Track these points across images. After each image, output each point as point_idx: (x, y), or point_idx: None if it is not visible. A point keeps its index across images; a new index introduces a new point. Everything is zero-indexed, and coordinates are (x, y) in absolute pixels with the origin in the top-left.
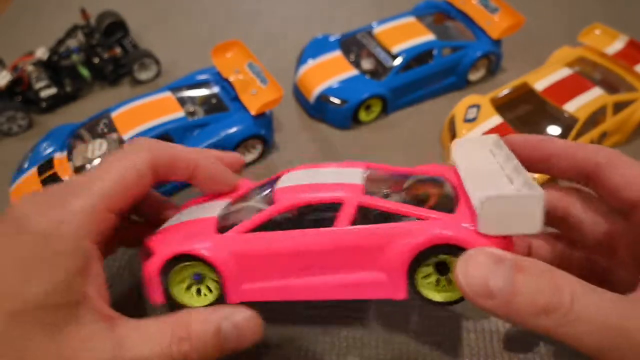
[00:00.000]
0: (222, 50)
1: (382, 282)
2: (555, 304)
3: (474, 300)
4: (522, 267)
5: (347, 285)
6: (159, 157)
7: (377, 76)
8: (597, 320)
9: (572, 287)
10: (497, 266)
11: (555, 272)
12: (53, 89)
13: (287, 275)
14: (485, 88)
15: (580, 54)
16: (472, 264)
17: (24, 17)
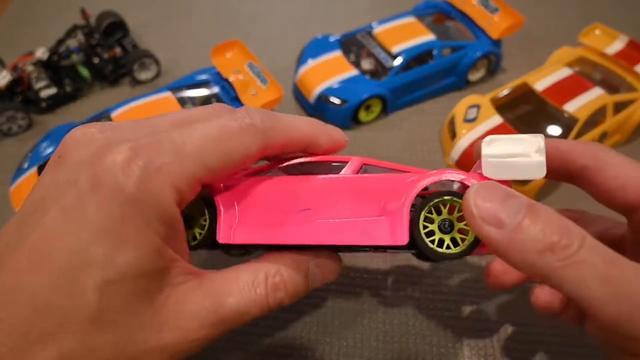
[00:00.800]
0: (222, 51)
1: (383, 226)
2: (564, 243)
3: (480, 228)
4: (535, 206)
5: (345, 229)
6: (272, 142)
7: (377, 76)
8: (604, 268)
9: (584, 234)
10: (510, 199)
11: (567, 219)
12: (53, 89)
13: (282, 216)
14: (485, 88)
15: (580, 54)
16: (485, 192)
17: (24, 17)
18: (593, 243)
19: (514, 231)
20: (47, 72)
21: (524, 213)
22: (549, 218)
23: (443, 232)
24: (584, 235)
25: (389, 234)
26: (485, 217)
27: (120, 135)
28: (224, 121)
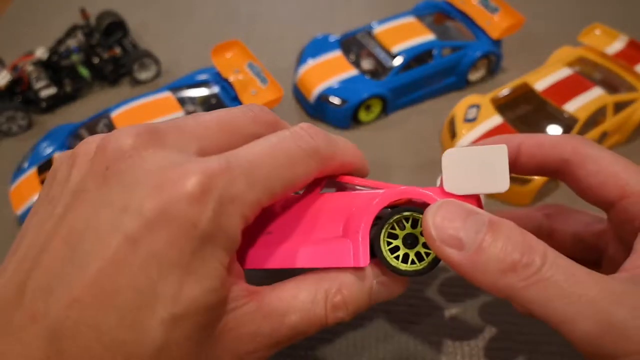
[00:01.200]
0: (222, 50)
1: (347, 248)
2: (525, 262)
3: (441, 250)
4: (495, 223)
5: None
6: (328, 166)
7: (377, 76)
8: (567, 286)
9: (545, 250)
10: (470, 218)
11: (529, 234)
12: (53, 88)
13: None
14: (485, 88)
15: (580, 54)
16: (444, 211)
17: (24, 17)
18: (556, 259)
19: (475, 252)
20: (47, 72)
21: (484, 231)
22: (510, 235)
23: (407, 248)
24: (545, 252)
25: (352, 256)
26: (445, 239)
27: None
28: (288, 144)
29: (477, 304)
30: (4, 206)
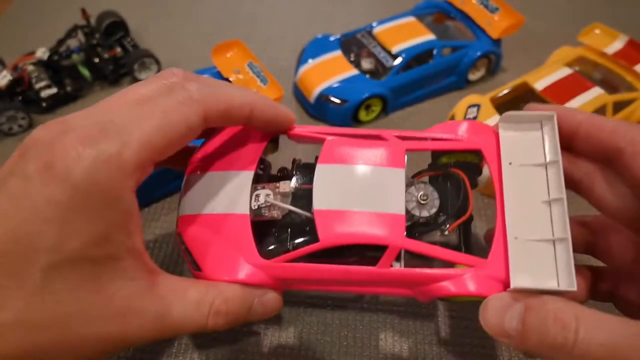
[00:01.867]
0: (222, 50)
1: (411, 294)
2: (561, 342)
3: (499, 340)
4: (531, 308)
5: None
6: (213, 107)
7: (377, 76)
8: (600, 353)
9: (577, 323)
10: (508, 310)
11: (560, 309)
12: (53, 89)
13: (327, 287)
14: (485, 88)
15: (580, 54)
16: (488, 310)
17: (25, 17)
18: (586, 332)
19: (520, 341)
20: (48, 72)
21: (521, 320)
22: (544, 315)
23: None
24: (576, 327)
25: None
26: (495, 333)
27: (72, 124)
28: (163, 99)
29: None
30: None
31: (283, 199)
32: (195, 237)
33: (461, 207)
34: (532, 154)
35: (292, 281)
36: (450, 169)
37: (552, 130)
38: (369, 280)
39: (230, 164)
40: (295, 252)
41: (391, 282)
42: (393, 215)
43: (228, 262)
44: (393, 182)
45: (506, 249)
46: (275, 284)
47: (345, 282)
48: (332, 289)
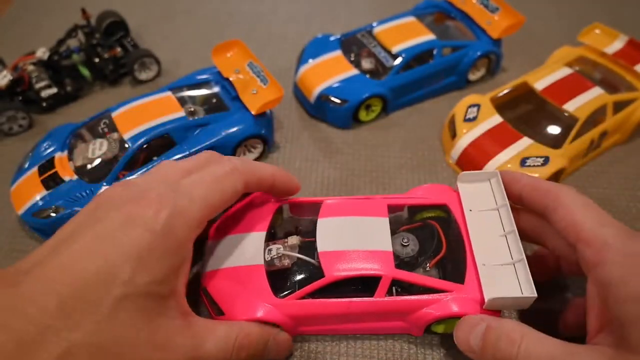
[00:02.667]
0: (223, 50)
1: (406, 328)
2: (507, 355)
3: (466, 354)
4: (491, 327)
5: (380, 328)
6: (250, 178)
7: (377, 76)
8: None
9: (520, 340)
10: (474, 328)
11: (512, 330)
12: (53, 88)
13: (333, 325)
14: (485, 88)
15: (580, 54)
16: (459, 329)
17: (25, 17)
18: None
19: (481, 353)
20: (48, 72)
21: (482, 337)
22: (498, 335)
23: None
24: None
25: (412, 332)
26: (463, 348)
27: (144, 187)
28: (214, 168)
29: None
30: (5, 206)
31: (291, 250)
32: (218, 287)
33: (437, 248)
34: (486, 202)
35: (303, 319)
36: (427, 222)
37: (498, 182)
38: (368, 310)
39: (245, 228)
40: (305, 289)
41: (386, 312)
42: (383, 252)
43: (247, 304)
44: (380, 227)
45: (478, 275)
46: (289, 323)
47: (347, 317)
48: (337, 328)
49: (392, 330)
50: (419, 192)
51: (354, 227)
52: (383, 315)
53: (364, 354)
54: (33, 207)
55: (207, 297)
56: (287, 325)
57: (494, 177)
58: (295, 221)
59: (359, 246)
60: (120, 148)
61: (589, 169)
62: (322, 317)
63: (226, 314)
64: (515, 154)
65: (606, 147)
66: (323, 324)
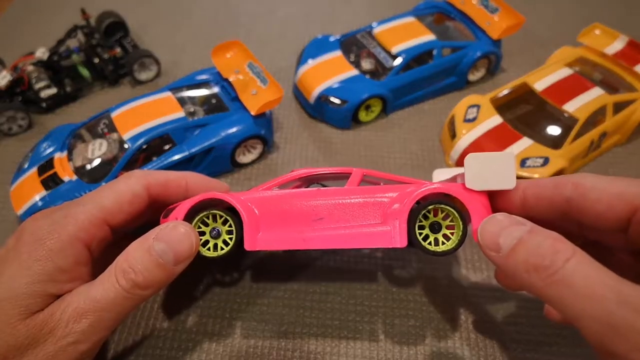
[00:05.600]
0: (222, 51)
1: (386, 232)
2: (547, 264)
3: (483, 250)
4: (533, 232)
5: (355, 235)
6: (152, 179)
7: (377, 76)
8: (581, 287)
9: (571, 255)
10: (510, 228)
11: (561, 240)
12: (53, 89)
13: (300, 225)
14: (485, 88)
15: (580, 54)
16: (490, 222)
17: (24, 17)
18: (577, 263)
19: (508, 255)
20: (48, 72)
21: (518, 239)
22: (540, 242)
23: (433, 232)
24: (568, 257)
25: (392, 239)
26: (487, 244)
27: (46, 209)
28: (113, 181)
29: (478, 305)
30: (5, 206)
31: None
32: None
33: None
34: None
35: (264, 209)
36: None
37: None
38: (339, 197)
39: None
40: (268, 182)
41: (361, 203)
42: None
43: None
44: None
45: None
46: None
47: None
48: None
49: (371, 238)
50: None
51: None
52: (357, 210)
53: (364, 354)
54: (32, 207)
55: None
56: (247, 214)
57: None
58: None
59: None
60: (120, 148)
61: (589, 170)
62: (288, 210)
63: (178, 206)
64: (515, 155)
65: (606, 147)
66: (289, 225)
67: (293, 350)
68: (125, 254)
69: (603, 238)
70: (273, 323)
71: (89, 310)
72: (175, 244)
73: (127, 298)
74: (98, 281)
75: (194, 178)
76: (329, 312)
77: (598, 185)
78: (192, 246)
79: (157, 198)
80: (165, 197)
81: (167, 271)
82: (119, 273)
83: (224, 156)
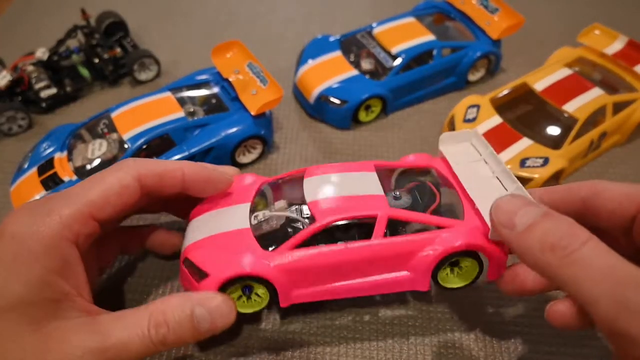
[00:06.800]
0: (222, 51)
1: (411, 279)
2: (563, 244)
3: (498, 229)
4: (549, 214)
5: (382, 284)
6: (144, 170)
7: (377, 76)
8: (597, 269)
9: (587, 238)
10: (528, 207)
11: (577, 226)
12: (53, 89)
13: (331, 280)
14: (484, 88)
15: (580, 55)
16: (507, 201)
17: (24, 17)
18: (594, 247)
19: (523, 232)
20: (48, 73)
21: (534, 219)
22: (557, 224)
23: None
24: (585, 240)
25: (417, 284)
26: (502, 221)
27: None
28: (101, 172)
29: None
30: (5, 206)
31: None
32: (200, 253)
33: (430, 199)
34: (471, 156)
35: (296, 273)
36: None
37: (478, 139)
38: (366, 255)
39: (227, 203)
40: (296, 236)
41: (386, 257)
42: (375, 195)
43: (234, 261)
44: (369, 179)
45: (477, 211)
46: (281, 279)
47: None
48: (334, 289)
49: (396, 286)
50: (409, 159)
51: (342, 180)
52: (383, 263)
53: (364, 354)
54: None
55: (188, 266)
56: (279, 283)
57: (474, 137)
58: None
59: (349, 192)
60: (120, 148)
61: (589, 170)
62: (317, 270)
63: (210, 274)
64: (514, 155)
65: (606, 147)
66: (319, 283)
67: (293, 350)
68: (162, 306)
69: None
70: (273, 323)
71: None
72: (216, 317)
73: (149, 347)
74: (123, 320)
75: (191, 168)
76: (329, 312)
77: (610, 186)
78: (230, 322)
79: (151, 189)
80: (159, 188)
81: (198, 336)
82: (152, 325)
83: (224, 156)
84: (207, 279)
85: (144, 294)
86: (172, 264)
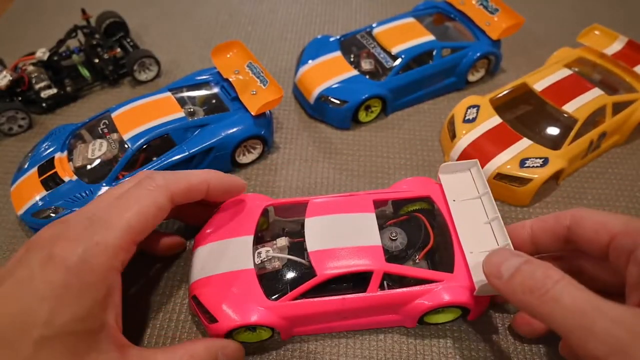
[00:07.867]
0: (222, 51)
1: (400, 320)
2: (539, 286)
3: (488, 278)
4: (528, 263)
5: (374, 322)
6: (175, 189)
7: (377, 77)
8: (568, 304)
9: (559, 278)
10: (511, 258)
11: (552, 267)
12: (53, 89)
13: (328, 321)
14: (484, 88)
15: (580, 55)
16: (496, 254)
17: (25, 18)
18: (565, 285)
19: (508, 279)
20: (48, 73)
21: (516, 267)
22: (534, 268)
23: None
24: (558, 280)
25: (406, 323)
26: (492, 272)
27: (70, 222)
28: (136, 191)
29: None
30: (5, 205)
31: (281, 252)
32: (209, 294)
33: (424, 239)
34: (468, 191)
35: (297, 320)
36: (413, 214)
37: (478, 171)
38: (361, 305)
39: (231, 233)
40: (298, 289)
41: (379, 306)
42: (372, 247)
43: (240, 309)
44: (367, 223)
45: (466, 263)
46: (284, 325)
47: (342, 314)
48: (332, 326)
49: (386, 324)
50: (402, 186)
51: (342, 224)
52: (377, 310)
53: (363, 354)
54: (33, 207)
55: (198, 306)
56: (282, 327)
57: (473, 166)
58: (281, 223)
59: (349, 243)
60: (120, 148)
61: (588, 170)
62: (317, 316)
63: (219, 320)
64: (514, 155)
65: (605, 148)
66: (318, 323)
67: (293, 349)
68: (191, 350)
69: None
70: None
71: None
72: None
73: None
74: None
75: (215, 180)
76: None
77: (588, 214)
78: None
79: (178, 203)
80: (185, 201)
81: None
82: None
83: (224, 156)
84: (217, 324)
85: (144, 294)
86: (171, 264)
